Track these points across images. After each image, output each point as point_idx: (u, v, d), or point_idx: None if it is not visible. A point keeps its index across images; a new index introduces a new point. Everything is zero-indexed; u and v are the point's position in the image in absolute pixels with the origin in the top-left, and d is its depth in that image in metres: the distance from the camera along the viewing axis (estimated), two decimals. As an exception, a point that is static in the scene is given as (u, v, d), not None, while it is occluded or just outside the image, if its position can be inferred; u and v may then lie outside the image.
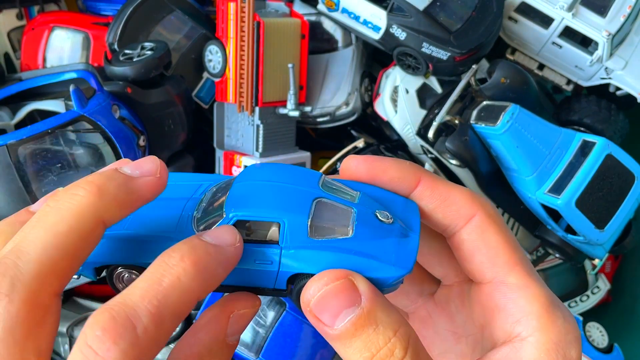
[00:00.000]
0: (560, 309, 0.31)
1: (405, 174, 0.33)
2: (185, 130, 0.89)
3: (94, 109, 0.73)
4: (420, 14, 0.84)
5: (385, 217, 0.31)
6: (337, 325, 0.28)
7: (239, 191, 0.32)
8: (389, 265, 0.30)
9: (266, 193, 0.32)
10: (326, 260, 0.30)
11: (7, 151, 0.68)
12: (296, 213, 0.31)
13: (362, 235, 0.31)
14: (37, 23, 0.96)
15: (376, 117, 0.98)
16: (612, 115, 0.94)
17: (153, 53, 0.81)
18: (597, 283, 1.05)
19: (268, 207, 0.31)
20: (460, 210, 0.32)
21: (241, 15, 0.86)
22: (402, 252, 0.31)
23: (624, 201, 0.82)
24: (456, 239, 0.33)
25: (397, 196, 0.34)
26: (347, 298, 0.28)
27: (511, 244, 0.32)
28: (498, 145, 0.82)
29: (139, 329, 0.25)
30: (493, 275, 0.32)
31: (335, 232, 0.31)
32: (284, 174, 0.33)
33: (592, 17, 0.86)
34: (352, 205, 0.32)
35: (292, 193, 0.32)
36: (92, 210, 0.28)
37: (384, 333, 0.28)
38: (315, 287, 0.28)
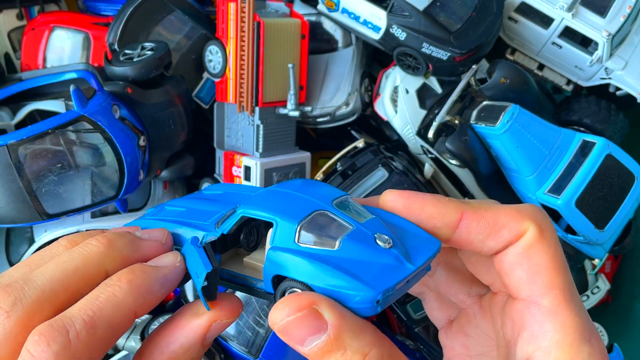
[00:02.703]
0: (590, 344, 0.30)
1: (445, 210, 0.33)
2: (185, 131, 0.89)
3: (94, 109, 0.73)
4: (420, 14, 0.84)
5: (384, 242, 0.31)
6: (304, 348, 0.29)
7: (260, 195, 0.35)
8: (361, 283, 0.30)
9: (277, 198, 0.34)
10: (305, 268, 0.30)
11: (8, 151, 0.68)
12: (290, 217, 0.32)
13: (346, 250, 0.31)
14: (37, 23, 0.96)
15: (376, 117, 0.98)
16: (612, 115, 0.94)
17: (153, 53, 0.81)
18: (597, 283, 1.05)
19: (268, 208, 0.33)
20: (512, 231, 0.32)
21: (241, 16, 0.86)
22: (382, 275, 0.30)
23: (624, 201, 0.82)
24: (505, 255, 0.33)
25: (420, 231, 0.33)
26: (311, 326, 0.28)
27: (557, 266, 0.31)
28: (498, 146, 0.82)
29: (72, 333, 0.28)
30: (528, 293, 0.31)
31: (321, 243, 0.31)
32: (311, 188, 0.35)
33: (592, 17, 0.87)
34: (354, 224, 0.32)
35: (299, 202, 0.33)
36: (98, 258, 0.32)
37: (352, 357, 0.28)
38: (280, 315, 0.29)
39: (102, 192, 0.76)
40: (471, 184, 0.93)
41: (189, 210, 0.39)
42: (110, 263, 0.32)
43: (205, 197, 0.41)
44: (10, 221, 0.71)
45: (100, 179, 0.76)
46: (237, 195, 0.40)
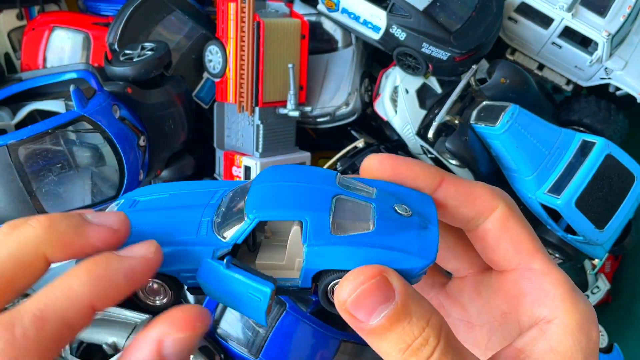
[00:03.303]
0: (580, 294, 0.33)
1: (429, 172, 0.35)
2: (185, 130, 0.89)
3: (94, 109, 0.73)
4: (420, 14, 0.84)
5: (404, 211, 0.32)
6: (372, 321, 0.28)
7: (258, 193, 0.33)
8: (413, 256, 0.31)
9: (285, 193, 0.32)
10: (352, 256, 0.30)
11: (8, 151, 0.68)
12: (318, 210, 0.31)
13: (383, 229, 0.31)
14: (37, 23, 0.96)
15: (376, 117, 0.98)
16: (612, 115, 0.94)
17: (153, 53, 0.81)
18: (597, 283, 1.05)
19: (289, 207, 0.32)
20: (484, 203, 0.34)
21: (241, 16, 0.86)
22: (424, 243, 0.32)
23: (624, 201, 0.82)
24: (480, 230, 0.34)
25: (412, 191, 0.35)
26: (382, 295, 0.29)
27: (531, 233, 0.34)
28: (498, 145, 0.82)
29: (17, 330, 0.26)
30: (518, 262, 0.34)
31: (357, 228, 0.31)
32: (301, 174, 0.34)
33: (592, 17, 0.87)
34: (371, 201, 0.32)
35: (312, 192, 0.32)
36: (35, 242, 0.29)
37: (417, 324, 0.29)
38: (351, 286, 0.29)
39: (102, 192, 0.76)
40: (471, 184, 0.93)
41: (166, 216, 0.35)
42: (48, 248, 0.29)
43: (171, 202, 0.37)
44: (11, 221, 0.70)
45: (100, 179, 0.76)
46: (207, 195, 0.36)
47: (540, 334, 0.31)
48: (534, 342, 0.31)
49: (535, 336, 0.31)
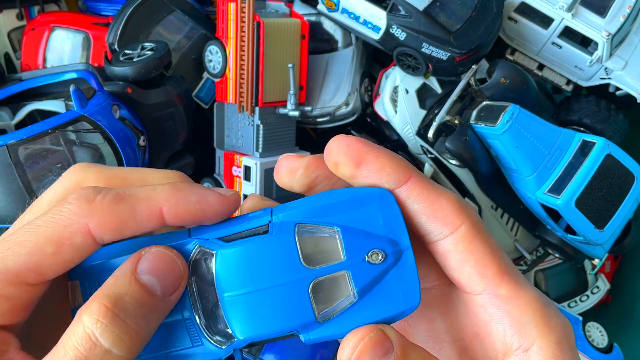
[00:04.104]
0: (552, 307, 0.31)
1: (397, 165, 0.31)
2: (185, 131, 0.89)
3: (94, 109, 0.73)
4: (420, 14, 0.84)
5: (377, 258, 0.30)
6: None
7: (233, 306, 0.29)
8: (399, 305, 0.30)
9: (262, 304, 0.29)
10: (346, 329, 0.30)
11: (8, 151, 0.68)
12: (303, 317, 0.29)
13: (365, 292, 0.30)
14: (37, 23, 0.96)
15: (376, 117, 0.98)
16: (612, 115, 0.94)
17: (153, 53, 0.81)
18: (597, 283, 1.05)
19: (275, 322, 0.29)
20: (447, 218, 0.31)
21: (241, 16, 0.86)
22: (404, 282, 0.30)
23: (624, 201, 0.82)
24: (441, 247, 0.32)
25: (368, 193, 0.31)
26: (382, 347, 0.28)
27: (498, 254, 0.32)
28: (498, 145, 0.82)
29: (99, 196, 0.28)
30: (484, 287, 0.31)
31: (341, 306, 0.30)
32: (262, 270, 0.30)
33: (592, 17, 0.87)
34: (344, 268, 0.30)
35: (286, 293, 0.29)
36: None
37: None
38: (352, 345, 0.28)
39: (102, 192, 0.76)
40: (471, 184, 0.93)
41: None
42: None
43: None
44: (10, 221, 0.71)
45: (100, 179, 0.75)
46: None
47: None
48: None
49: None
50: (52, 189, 0.32)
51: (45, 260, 0.27)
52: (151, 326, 0.28)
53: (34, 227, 0.28)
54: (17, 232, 0.28)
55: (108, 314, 0.26)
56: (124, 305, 0.27)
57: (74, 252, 0.28)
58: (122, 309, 0.26)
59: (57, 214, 0.28)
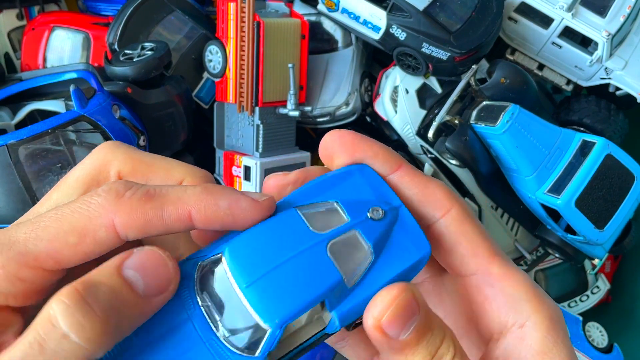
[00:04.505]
0: (542, 291, 0.32)
1: (389, 154, 0.33)
2: (185, 130, 0.89)
3: (94, 109, 0.73)
4: (420, 14, 0.84)
5: (378, 215, 0.31)
6: (402, 336, 0.28)
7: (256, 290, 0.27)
8: (413, 254, 0.30)
9: (285, 278, 0.28)
10: (374, 291, 0.29)
11: (8, 151, 0.68)
12: (330, 278, 0.28)
13: (379, 248, 0.30)
14: (37, 23, 0.96)
15: (376, 117, 0.98)
16: (612, 115, 0.94)
17: (153, 53, 0.81)
18: (597, 283, 1.05)
19: (304, 293, 0.27)
20: (439, 202, 0.32)
21: (241, 16, 0.86)
22: (411, 236, 0.31)
23: (624, 201, 0.82)
24: (433, 231, 0.33)
25: (348, 169, 0.32)
26: (411, 309, 0.28)
27: (487, 236, 0.33)
28: (498, 145, 0.82)
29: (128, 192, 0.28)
30: (476, 267, 0.32)
31: (363, 266, 0.29)
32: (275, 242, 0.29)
33: (592, 17, 0.87)
34: (352, 227, 0.30)
35: (307, 261, 0.28)
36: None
37: (438, 334, 0.29)
38: (383, 306, 0.28)
39: (102, 192, 0.76)
40: (471, 184, 0.93)
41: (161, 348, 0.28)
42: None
43: None
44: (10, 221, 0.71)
45: (100, 179, 0.75)
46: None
47: (519, 341, 0.31)
48: (516, 349, 0.31)
49: (515, 343, 0.31)
50: (81, 167, 0.32)
51: (66, 249, 0.27)
52: (123, 323, 0.26)
53: (59, 214, 0.27)
54: (43, 216, 0.27)
55: (75, 296, 0.25)
56: (96, 292, 0.25)
57: (96, 245, 0.27)
58: (92, 295, 0.25)
59: (84, 204, 0.27)
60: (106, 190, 0.28)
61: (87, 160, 0.32)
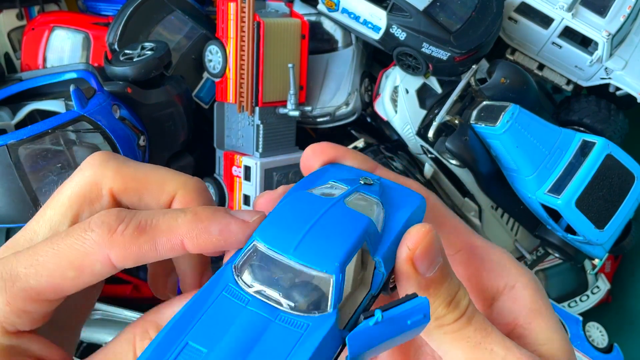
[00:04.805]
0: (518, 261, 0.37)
1: (366, 159, 0.37)
2: (185, 130, 0.89)
3: (94, 109, 0.73)
4: (420, 14, 0.84)
5: (369, 181, 0.33)
6: (429, 273, 0.30)
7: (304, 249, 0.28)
8: (413, 201, 0.33)
9: (325, 234, 0.28)
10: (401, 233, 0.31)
11: (8, 151, 0.68)
12: (362, 222, 0.29)
13: (385, 202, 0.32)
14: (37, 23, 0.96)
15: (376, 117, 0.98)
16: (612, 115, 0.94)
17: (153, 53, 0.81)
18: (597, 283, 1.05)
19: (347, 238, 0.28)
20: (418, 191, 0.36)
21: (241, 16, 0.86)
22: (402, 192, 0.34)
23: (624, 201, 0.82)
24: None
25: (323, 167, 0.36)
26: (438, 247, 0.30)
27: (461, 219, 0.38)
28: (498, 145, 0.82)
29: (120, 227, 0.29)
30: (461, 244, 0.36)
31: (379, 216, 0.31)
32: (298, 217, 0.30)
33: (592, 17, 0.87)
34: (354, 190, 0.32)
35: (333, 217, 0.30)
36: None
37: (455, 280, 0.31)
38: (415, 240, 0.30)
39: (102, 192, 0.76)
40: (471, 184, 0.93)
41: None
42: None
43: None
44: (10, 221, 0.71)
45: (100, 179, 0.75)
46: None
47: (512, 301, 0.34)
48: (511, 309, 0.34)
49: (509, 303, 0.34)
50: (72, 183, 0.32)
51: (66, 283, 0.29)
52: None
53: (56, 250, 0.29)
54: (40, 250, 0.29)
55: None
56: None
57: (93, 276, 0.29)
58: None
59: (79, 240, 0.29)
60: (99, 224, 0.29)
61: (78, 177, 0.32)
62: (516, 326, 0.34)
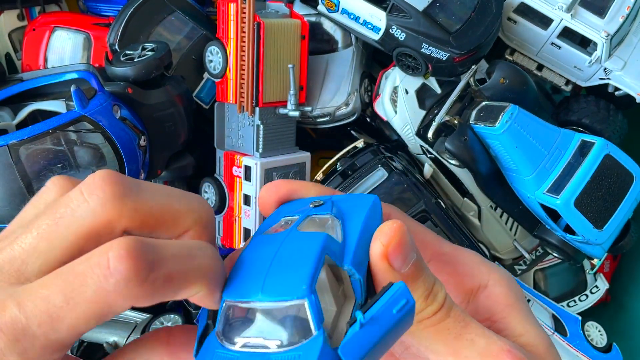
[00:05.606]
0: (488, 260, 0.38)
1: (320, 188, 0.37)
2: (185, 131, 0.90)
3: (95, 110, 0.73)
4: (419, 15, 0.85)
5: (318, 202, 0.33)
6: (403, 269, 0.30)
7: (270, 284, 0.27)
8: (367, 201, 0.33)
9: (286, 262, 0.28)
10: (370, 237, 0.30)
11: (9, 151, 0.69)
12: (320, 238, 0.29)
13: (339, 216, 0.32)
14: (38, 24, 0.96)
15: (376, 117, 0.99)
16: (611, 115, 0.94)
17: (154, 54, 0.81)
18: (596, 283, 1.05)
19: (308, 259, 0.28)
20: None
21: (241, 16, 0.86)
22: (353, 199, 0.34)
23: (623, 201, 0.82)
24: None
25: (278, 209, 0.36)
26: (410, 242, 0.30)
27: (426, 228, 0.38)
28: (497, 146, 0.82)
29: (152, 276, 0.25)
30: (431, 255, 0.37)
31: (337, 227, 0.31)
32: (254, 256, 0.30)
33: (591, 17, 0.87)
34: (307, 215, 0.32)
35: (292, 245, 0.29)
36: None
37: (430, 274, 0.31)
38: (388, 237, 0.29)
39: (102, 192, 0.76)
40: (470, 184, 0.93)
41: None
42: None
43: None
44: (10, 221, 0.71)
45: (101, 179, 0.76)
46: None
47: (487, 298, 0.35)
48: (486, 306, 0.35)
49: (484, 301, 0.35)
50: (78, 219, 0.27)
51: (86, 328, 0.26)
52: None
53: (74, 302, 0.25)
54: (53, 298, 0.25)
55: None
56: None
57: (113, 315, 0.27)
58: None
59: (102, 295, 0.25)
60: (125, 275, 0.24)
61: (86, 212, 0.27)
62: (493, 322, 0.34)
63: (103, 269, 0.24)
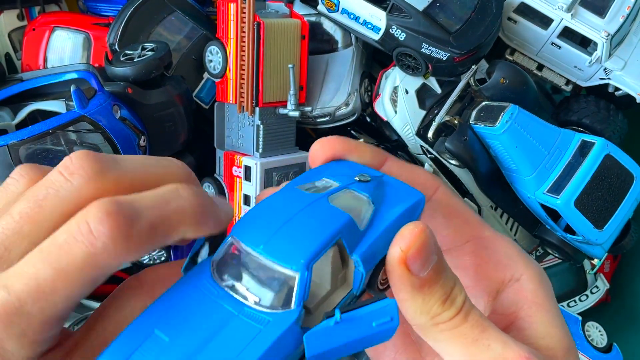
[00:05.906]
0: (527, 253, 0.37)
1: (376, 150, 0.36)
2: (185, 131, 0.90)
3: (95, 110, 0.73)
4: (419, 15, 0.85)
5: (365, 178, 0.32)
6: (422, 273, 0.29)
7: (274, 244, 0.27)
8: (411, 197, 0.32)
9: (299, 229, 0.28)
10: (390, 235, 0.30)
11: (9, 151, 0.69)
12: (341, 219, 0.29)
13: (377, 201, 0.31)
14: (38, 24, 0.96)
15: (376, 117, 0.99)
16: (611, 115, 0.94)
17: (154, 53, 0.81)
18: (596, 283, 1.05)
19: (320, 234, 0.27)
20: (427, 182, 0.36)
21: (241, 16, 0.86)
22: (402, 189, 0.33)
23: (623, 201, 0.82)
24: (427, 209, 0.35)
25: (326, 164, 0.35)
26: (432, 245, 0.29)
27: (470, 208, 0.37)
28: (497, 146, 0.82)
29: (135, 229, 0.25)
30: (471, 233, 0.36)
31: (367, 213, 0.30)
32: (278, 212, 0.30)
33: (591, 17, 0.87)
34: (345, 187, 0.31)
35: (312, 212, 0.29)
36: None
37: (450, 276, 0.31)
38: (408, 241, 0.29)
39: (102, 192, 0.76)
40: (470, 184, 0.93)
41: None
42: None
43: None
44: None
45: (100, 179, 0.76)
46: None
47: (516, 293, 0.34)
48: (515, 300, 0.34)
49: (513, 295, 0.34)
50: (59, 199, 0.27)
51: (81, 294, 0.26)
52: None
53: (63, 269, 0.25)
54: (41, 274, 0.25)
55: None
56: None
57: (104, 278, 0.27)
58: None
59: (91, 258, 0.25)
60: (108, 234, 0.25)
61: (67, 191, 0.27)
62: (517, 318, 0.34)
63: (86, 234, 0.25)
